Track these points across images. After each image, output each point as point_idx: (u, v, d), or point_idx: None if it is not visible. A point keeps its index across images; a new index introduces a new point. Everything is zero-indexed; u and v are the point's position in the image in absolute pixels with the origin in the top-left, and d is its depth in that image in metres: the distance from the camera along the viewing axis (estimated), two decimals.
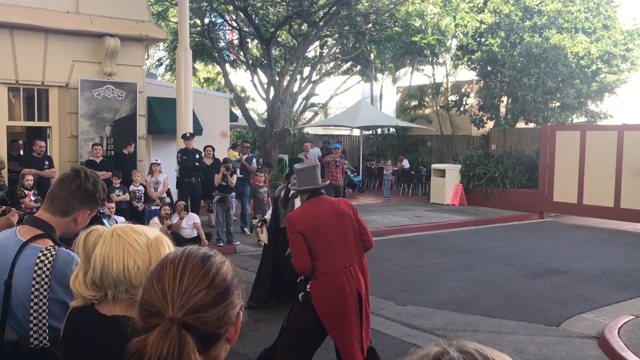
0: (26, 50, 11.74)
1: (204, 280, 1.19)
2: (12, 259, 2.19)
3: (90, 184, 2.32)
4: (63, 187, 2.30)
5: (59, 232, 2.35)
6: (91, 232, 1.80)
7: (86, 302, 1.81)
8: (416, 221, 14.04)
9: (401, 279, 8.57)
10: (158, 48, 27.29)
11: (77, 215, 2.33)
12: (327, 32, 21.56)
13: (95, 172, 2.47)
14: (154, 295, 1.18)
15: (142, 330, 1.18)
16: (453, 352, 0.93)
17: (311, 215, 4.29)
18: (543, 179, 15.73)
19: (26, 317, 2.19)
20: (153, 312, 1.16)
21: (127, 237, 1.77)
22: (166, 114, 13.85)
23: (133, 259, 1.74)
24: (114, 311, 1.80)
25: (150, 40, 14.00)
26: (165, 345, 1.10)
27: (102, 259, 1.74)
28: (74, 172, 2.33)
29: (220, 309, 1.19)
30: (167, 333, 1.11)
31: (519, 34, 17.77)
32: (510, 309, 7.17)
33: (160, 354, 1.09)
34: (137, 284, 1.75)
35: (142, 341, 1.13)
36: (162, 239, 1.80)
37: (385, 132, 24.52)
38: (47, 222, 2.30)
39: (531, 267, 9.41)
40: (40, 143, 10.90)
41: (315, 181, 4.49)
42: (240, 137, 27.76)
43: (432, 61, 23.17)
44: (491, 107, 17.86)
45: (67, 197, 2.29)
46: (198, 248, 1.29)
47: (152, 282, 1.21)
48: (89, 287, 1.77)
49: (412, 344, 5.87)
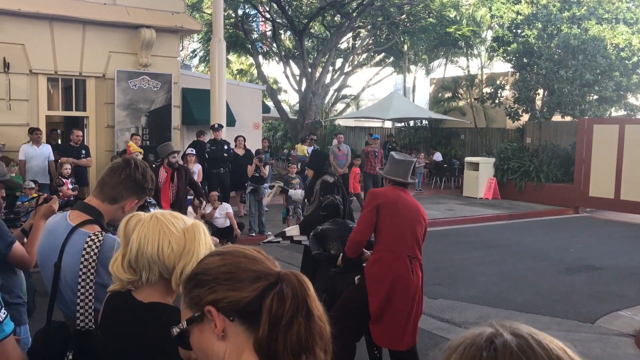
0: (65, 42, 11.98)
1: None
2: (62, 243, 2.27)
3: (140, 174, 2.38)
4: (113, 175, 2.37)
5: (107, 219, 2.41)
6: (132, 217, 1.85)
7: (123, 285, 1.85)
8: (448, 215, 13.92)
9: (433, 272, 8.51)
10: (192, 39, 27.54)
11: (125, 203, 2.39)
12: (360, 23, 21.46)
13: (145, 162, 2.53)
14: (254, 263, 1.25)
15: (246, 302, 1.20)
16: (507, 335, 0.92)
17: (392, 196, 4.40)
18: (579, 173, 15.42)
19: (73, 299, 2.25)
20: (260, 275, 1.23)
21: (165, 220, 1.80)
22: (200, 105, 13.99)
23: (168, 240, 1.77)
24: (150, 298, 1.84)
25: (185, 32, 14.14)
26: (298, 290, 1.19)
27: (138, 240, 1.78)
28: (125, 162, 2.40)
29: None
30: (290, 280, 1.21)
31: (557, 25, 17.38)
32: (543, 304, 7.07)
33: (298, 297, 1.18)
34: (171, 267, 1.78)
35: (274, 297, 1.18)
36: (199, 225, 1.84)
37: (417, 125, 24.33)
38: (96, 208, 2.37)
39: (566, 263, 9.26)
40: (77, 132, 11.13)
41: (407, 176, 4.57)
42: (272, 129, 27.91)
43: (467, 53, 22.85)
44: (527, 99, 17.55)
45: (116, 185, 2.36)
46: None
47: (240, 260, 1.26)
48: (125, 270, 1.81)
49: (443, 337, 5.85)
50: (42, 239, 2.46)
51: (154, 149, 12.52)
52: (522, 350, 0.89)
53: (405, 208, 4.35)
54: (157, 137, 12.84)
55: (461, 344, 0.95)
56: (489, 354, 0.90)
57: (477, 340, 0.93)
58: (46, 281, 2.39)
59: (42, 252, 2.40)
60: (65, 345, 2.27)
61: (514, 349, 0.89)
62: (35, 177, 10.08)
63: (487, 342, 0.92)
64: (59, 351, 2.26)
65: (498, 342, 0.91)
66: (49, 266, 2.33)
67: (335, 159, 13.49)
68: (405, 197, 4.47)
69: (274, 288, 1.20)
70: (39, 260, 2.44)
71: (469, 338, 0.95)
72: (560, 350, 0.92)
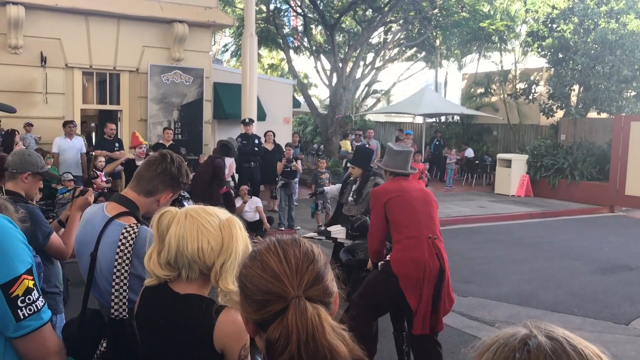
0: (99, 36, 12.19)
1: (307, 257, 1.24)
2: (98, 233, 2.32)
3: (175, 167, 2.44)
4: (149, 169, 2.42)
5: (143, 211, 2.46)
6: (164, 213, 1.86)
7: (160, 281, 1.88)
8: (479, 212, 13.77)
9: (463, 269, 8.44)
10: (224, 34, 27.73)
11: (160, 196, 2.44)
12: (392, 17, 21.30)
13: (181, 157, 2.57)
14: (267, 283, 1.21)
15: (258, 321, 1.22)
16: (541, 337, 0.90)
17: (395, 188, 4.39)
18: (615, 172, 15.08)
19: (108, 289, 2.30)
20: (271, 299, 1.20)
21: (200, 219, 1.82)
22: (231, 99, 14.09)
23: (207, 239, 1.80)
24: (187, 290, 1.86)
25: (217, 27, 14.25)
26: (307, 320, 1.14)
27: (176, 239, 1.80)
28: (161, 156, 2.45)
29: (326, 280, 1.24)
30: (303, 309, 1.16)
31: (594, 20, 16.99)
32: (576, 304, 6.94)
33: (306, 330, 1.13)
34: (211, 264, 1.81)
35: (278, 326, 1.16)
36: (234, 220, 1.85)
37: (449, 120, 24.09)
38: (132, 200, 2.42)
39: (599, 262, 9.08)
40: (111, 126, 11.31)
41: (407, 167, 4.55)
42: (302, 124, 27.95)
43: (500, 47, 22.51)
44: (561, 95, 17.22)
45: (152, 179, 2.41)
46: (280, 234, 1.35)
47: (257, 273, 1.24)
48: (163, 267, 1.84)
49: (472, 336, 5.79)
50: (79, 228, 2.53)
51: (185, 143, 12.70)
52: (556, 354, 0.88)
53: (411, 194, 4.34)
54: (188, 131, 13.00)
55: (494, 343, 0.93)
56: (522, 355, 0.89)
57: (511, 341, 0.91)
58: (82, 270, 2.45)
59: (80, 241, 2.46)
60: (100, 333, 2.33)
61: (548, 352, 0.88)
62: (69, 169, 10.29)
63: (521, 343, 0.90)
64: (93, 338, 2.31)
65: (532, 344, 0.89)
66: (85, 255, 2.38)
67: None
68: (409, 184, 4.47)
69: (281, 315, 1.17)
70: (76, 250, 2.50)
71: (502, 338, 0.93)
72: (595, 357, 0.90)
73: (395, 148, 4.65)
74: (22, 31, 11.41)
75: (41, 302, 1.62)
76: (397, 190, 4.35)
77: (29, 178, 3.39)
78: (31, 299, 1.58)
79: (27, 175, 3.37)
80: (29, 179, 3.39)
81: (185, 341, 1.83)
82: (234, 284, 1.80)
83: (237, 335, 1.82)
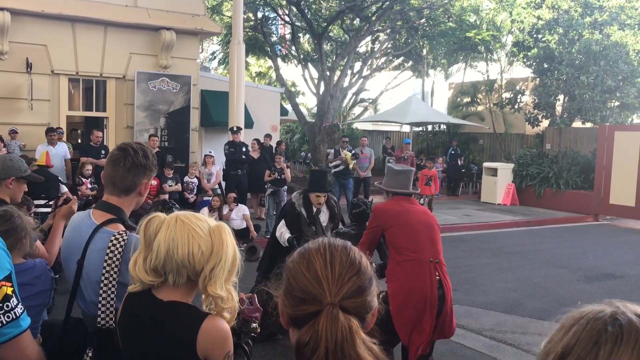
0: (86, 43, 12.13)
1: (353, 268, 1.24)
2: (85, 240, 2.28)
3: (142, 157, 2.38)
4: (118, 168, 2.35)
5: (130, 209, 2.43)
6: (152, 218, 1.84)
7: (144, 287, 1.86)
8: (466, 220, 13.83)
9: (449, 278, 8.45)
10: (212, 42, 27.70)
11: (140, 189, 2.40)
12: (379, 27, 21.41)
13: (140, 143, 2.54)
14: (307, 283, 1.23)
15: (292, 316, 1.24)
16: (630, 314, 0.92)
17: (397, 209, 4.32)
18: (599, 181, 15.23)
19: (93, 298, 2.26)
20: (307, 299, 1.21)
21: (191, 224, 1.81)
22: (218, 107, 14.06)
23: (198, 244, 1.78)
24: (171, 297, 1.84)
25: (205, 34, 14.24)
26: (338, 329, 1.15)
27: (167, 244, 1.78)
28: (123, 151, 2.37)
29: (368, 295, 1.24)
30: (334, 318, 1.16)
31: (578, 31, 17.20)
32: (562, 312, 6.93)
33: (335, 339, 1.14)
34: (200, 270, 1.79)
35: (310, 330, 1.17)
36: (223, 226, 1.85)
37: (435, 129, 24.21)
38: (115, 205, 2.37)
39: (584, 271, 9.14)
40: (97, 133, 11.25)
41: (408, 186, 4.50)
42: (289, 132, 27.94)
43: (486, 57, 22.70)
44: (547, 105, 17.39)
45: (124, 177, 2.35)
46: (334, 239, 1.33)
47: (301, 270, 1.25)
48: (148, 273, 1.82)
49: (458, 344, 5.80)
50: (66, 235, 2.48)
51: (172, 150, 12.65)
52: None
53: (414, 216, 4.28)
54: (175, 138, 12.95)
55: (583, 317, 0.95)
56: (614, 329, 0.90)
57: (601, 316, 0.93)
58: (68, 277, 2.41)
59: (66, 248, 2.42)
60: (82, 342, 2.29)
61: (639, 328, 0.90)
62: None
63: (612, 318, 0.92)
64: (75, 347, 2.28)
65: (623, 320, 0.91)
66: (72, 262, 2.35)
67: (358, 162, 13.53)
68: (412, 206, 4.41)
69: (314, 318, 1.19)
70: (63, 257, 2.46)
71: (591, 313, 0.95)
72: None
73: (396, 168, 4.61)
74: (8, 37, 11.32)
75: (20, 309, 1.57)
76: (399, 214, 4.27)
77: (13, 183, 3.36)
78: (9, 306, 1.54)
79: (11, 181, 3.34)
80: (14, 184, 3.36)
81: (168, 348, 1.81)
82: (222, 289, 1.80)
83: (220, 343, 1.81)
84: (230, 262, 1.82)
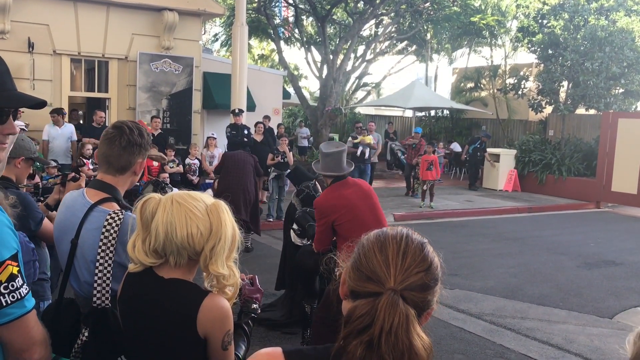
0: (88, 23, 12.05)
1: (423, 264, 1.27)
2: (80, 220, 2.26)
3: (137, 135, 2.36)
4: (113, 146, 2.33)
5: (125, 188, 2.41)
6: (148, 200, 1.83)
7: (145, 267, 1.86)
8: (467, 206, 13.83)
9: (450, 262, 8.41)
10: (214, 23, 27.54)
11: (134, 168, 2.39)
12: (383, 10, 21.26)
13: (134, 121, 2.53)
14: (376, 263, 1.25)
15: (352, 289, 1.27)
16: None
17: (338, 199, 4.27)
18: (602, 168, 15.20)
19: (87, 278, 2.25)
20: (372, 278, 1.24)
21: (187, 205, 1.80)
22: (221, 90, 14.01)
23: (196, 225, 1.78)
24: (172, 275, 1.84)
25: (208, 15, 14.13)
26: (396, 314, 1.18)
27: (164, 226, 1.77)
28: (118, 130, 2.35)
29: (429, 294, 1.27)
30: (394, 303, 1.19)
31: (584, 16, 17.06)
32: (561, 298, 7.00)
33: (392, 322, 1.17)
34: (200, 250, 1.80)
35: (368, 305, 1.20)
36: (220, 204, 1.84)
37: (438, 114, 24.13)
38: (110, 184, 2.36)
39: (585, 257, 9.15)
40: (100, 114, 11.22)
41: (341, 167, 4.41)
42: (291, 115, 27.89)
43: (491, 42, 22.58)
44: (550, 91, 17.30)
45: (120, 155, 2.34)
46: (412, 232, 1.35)
47: (373, 250, 1.28)
48: (148, 255, 1.82)
49: (459, 328, 5.83)
50: (59, 214, 2.44)
51: (174, 132, 12.62)
52: None
53: (356, 204, 4.25)
54: (177, 120, 12.92)
55: None
56: None
57: None
58: (61, 257, 2.39)
59: (60, 228, 2.39)
60: (75, 324, 2.28)
61: None
62: (57, 157, 10.18)
63: None
64: (68, 328, 2.27)
65: None
66: (64, 242, 2.32)
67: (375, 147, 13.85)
68: (348, 189, 4.33)
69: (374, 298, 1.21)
70: (55, 236, 2.43)
71: None
72: None
73: (324, 150, 4.48)
74: (10, 16, 11.25)
75: (25, 289, 1.56)
76: (341, 203, 4.23)
77: (21, 163, 3.35)
78: (14, 286, 1.52)
79: (20, 161, 3.33)
80: (22, 164, 3.36)
81: (169, 325, 1.82)
82: (223, 267, 1.80)
83: (221, 322, 1.82)
84: (230, 239, 1.83)
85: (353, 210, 4.22)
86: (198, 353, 1.84)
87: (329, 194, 4.38)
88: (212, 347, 1.84)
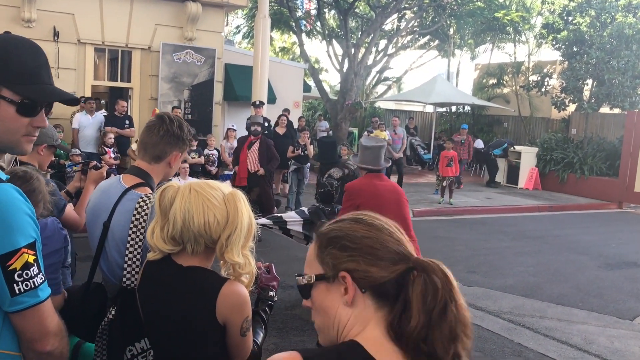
0: (113, 13, 12.14)
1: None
2: (114, 203, 2.32)
3: (177, 127, 2.41)
4: (152, 134, 2.39)
5: (158, 178, 2.45)
6: (166, 188, 1.87)
7: (164, 255, 1.88)
8: (487, 203, 13.73)
9: (468, 259, 8.43)
10: (237, 15, 27.58)
11: (169, 159, 2.43)
12: (406, 4, 21.10)
13: (179, 115, 2.56)
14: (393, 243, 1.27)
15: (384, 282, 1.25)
16: None
17: (367, 186, 4.45)
18: (625, 168, 14.98)
19: (117, 259, 2.29)
20: (400, 258, 1.25)
21: (205, 193, 1.83)
22: (242, 81, 14.03)
23: (213, 213, 1.81)
24: (190, 262, 1.87)
25: (230, 7, 14.16)
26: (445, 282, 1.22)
27: (182, 214, 1.80)
28: (160, 119, 2.42)
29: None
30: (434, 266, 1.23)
31: (611, 14, 16.79)
32: (581, 298, 6.93)
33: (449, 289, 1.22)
34: (216, 238, 1.82)
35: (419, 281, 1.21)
36: (237, 193, 1.87)
37: (459, 110, 23.94)
38: (144, 170, 2.41)
39: (606, 258, 9.04)
40: (122, 103, 11.31)
41: (378, 162, 4.56)
42: (311, 108, 27.88)
43: (514, 39, 22.30)
44: (574, 89, 17.08)
45: (157, 144, 2.39)
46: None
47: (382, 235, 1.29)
48: (166, 242, 1.85)
49: (476, 325, 5.79)
50: (93, 198, 2.50)
51: (195, 123, 12.67)
52: None
53: (384, 195, 4.36)
54: (198, 111, 12.99)
55: None
56: None
57: None
58: (92, 240, 2.43)
59: (93, 211, 2.44)
60: (102, 306, 2.33)
61: None
62: (88, 145, 10.30)
63: None
64: (95, 312, 2.31)
65: None
66: (97, 226, 2.37)
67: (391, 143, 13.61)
68: (381, 183, 4.51)
69: (411, 273, 1.22)
70: (88, 220, 2.48)
71: None
72: None
73: (365, 143, 4.65)
74: (36, 5, 11.38)
75: (40, 278, 1.54)
76: (370, 190, 4.38)
77: (44, 150, 3.39)
78: (29, 275, 1.51)
79: (42, 148, 3.37)
80: (44, 151, 3.39)
81: (188, 312, 1.84)
82: (239, 256, 1.82)
83: (239, 308, 1.84)
84: (246, 229, 1.86)
85: (378, 199, 4.29)
86: (217, 339, 1.86)
87: (361, 180, 4.61)
88: (231, 333, 1.86)
